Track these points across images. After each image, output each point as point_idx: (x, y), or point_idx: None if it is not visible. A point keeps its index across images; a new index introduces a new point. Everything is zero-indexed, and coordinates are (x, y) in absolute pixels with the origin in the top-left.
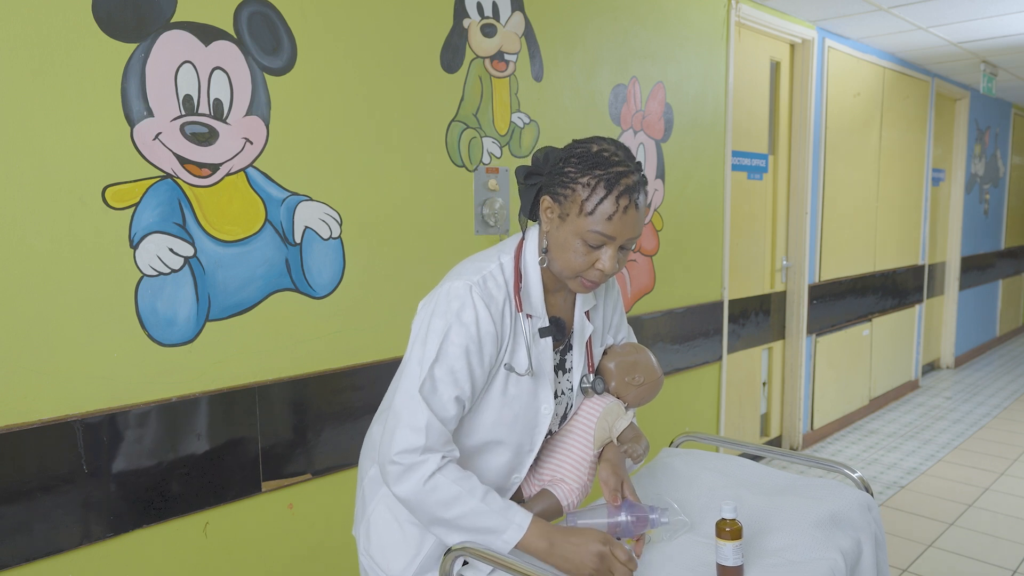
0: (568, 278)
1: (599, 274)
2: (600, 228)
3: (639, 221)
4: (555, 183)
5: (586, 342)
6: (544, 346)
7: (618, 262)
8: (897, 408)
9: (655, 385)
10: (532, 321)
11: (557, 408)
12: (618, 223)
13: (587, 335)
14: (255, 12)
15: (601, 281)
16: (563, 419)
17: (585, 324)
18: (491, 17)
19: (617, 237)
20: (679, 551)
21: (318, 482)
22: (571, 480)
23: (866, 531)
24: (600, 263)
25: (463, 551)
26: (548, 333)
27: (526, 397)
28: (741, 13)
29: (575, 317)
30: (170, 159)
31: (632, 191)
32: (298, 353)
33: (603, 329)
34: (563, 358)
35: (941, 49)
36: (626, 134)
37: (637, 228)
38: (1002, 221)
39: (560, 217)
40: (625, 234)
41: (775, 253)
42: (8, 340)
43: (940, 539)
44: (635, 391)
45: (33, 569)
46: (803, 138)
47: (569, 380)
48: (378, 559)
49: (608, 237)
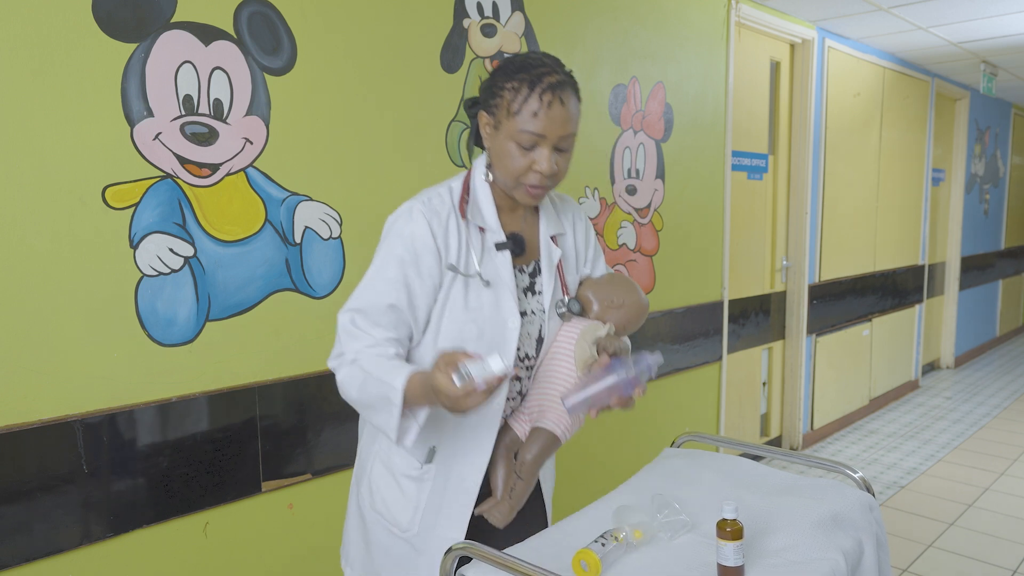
0: (512, 188)
1: (538, 176)
2: (528, 127)
3: (568, 119)
4: (487, 96)
5: (556, 266)
6: (502, 259)
7: (556, 164)
8: (897, 408)
9: (636, 307)
10: (487, 235)
11: (529, 328)
12: (544, 119)
13: (555, 259)
14: (255, 12)
15: (543, 185)
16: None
17: (552, 248)
18: (491, 17)
19: (547, 135)
20: (679, 551)
21: (318, 482)
22: (558, 405)
23: (867, 531)
24: (536, 164)
25: (463, 550)
26: (505, 247)
27: (488, 310)
28: (741, 13)
29: (540, 241)
30: (170, 159)
31: (556, 88)
32: (298, 353)
33: (576, 258)
34: (532, 280)
35: (941, 49)
36: (626, 134)
37: (567, 126)
38: (1002, 221)
39: (495, 127)
40: (554, 131)
41: (775, 253)
42: (8, 340)
43: (940, 539)
44: (616, 313)
45: (33, 569)
46: (803, 138)
47: (540, 302)
48: (385, 513)
49: (538, 135)
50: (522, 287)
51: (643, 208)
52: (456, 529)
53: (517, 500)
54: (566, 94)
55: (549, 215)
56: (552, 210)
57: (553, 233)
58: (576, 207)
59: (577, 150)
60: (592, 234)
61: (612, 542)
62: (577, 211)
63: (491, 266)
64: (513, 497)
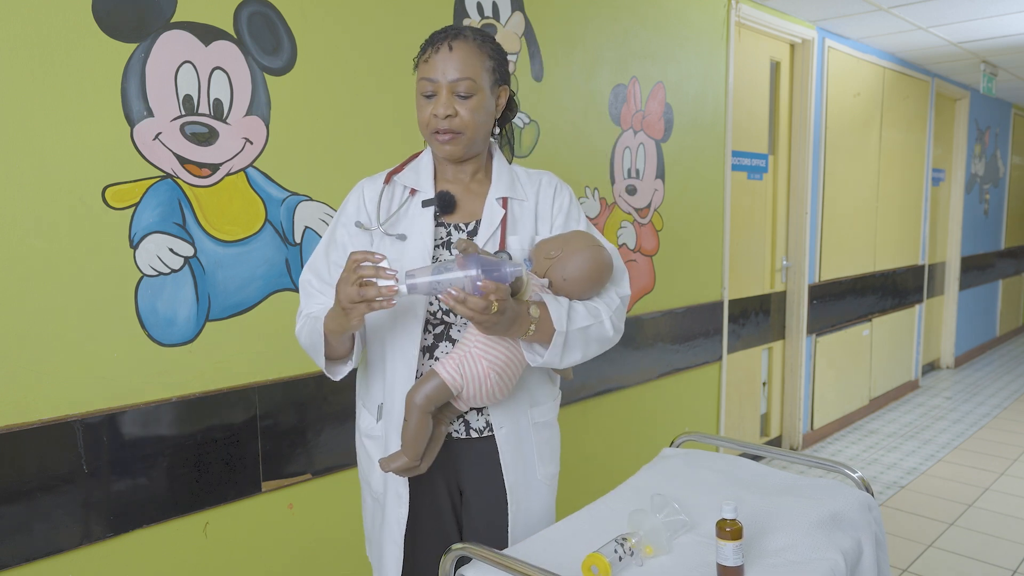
0: (430, 141)
1: (436, 120)
2: (424, 73)
3: (462, 61)
4: None
5: (499, 224)
6: (422, 215)
7: (455, 109)
8: (897, 408)
9: (581, 255)
10: (416, 196)
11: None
12: (435, 63)
13: (497, 219)
14: (255, 12)
15: (449, 130)
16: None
17: (496, 209)
18: (491, 17)
19: (437, 78)
20: (679, 551)
21: (318, 482)
22: (454, 352)
23: (867, 531)
24: (434, 109)
25: (463, 550)
26: (429, 203)
27: (405, 261)
28: (741, 13)
29: (486, 202)
30: (170, 159)
31: (443, 35)
32: (298, 353)
33: (535, 222)
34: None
35: (941, 49)
36: (626, 134)
37: (461, 69)
38: (1002, 221)
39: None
40: (447, 74)
41: (775, 253)
42: (8, 340)
43: (940, 539)
44: (555, 264)
45: (33, 569)
46: (803, 138)
47: None
48: (363, 476)
49: (431, 80)
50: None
51: (643, 208)
52: (402, 485)
53: (408, 444)
54: (457, 41)
55: (502, 180)
56: (507, 177)
57: (503, 195)
58: (551, 180)
59: (577, 150)
60: (566, 201)
61: (627, 556)
62: (548, 179)
63: (412, 222)
64: (404, 439)
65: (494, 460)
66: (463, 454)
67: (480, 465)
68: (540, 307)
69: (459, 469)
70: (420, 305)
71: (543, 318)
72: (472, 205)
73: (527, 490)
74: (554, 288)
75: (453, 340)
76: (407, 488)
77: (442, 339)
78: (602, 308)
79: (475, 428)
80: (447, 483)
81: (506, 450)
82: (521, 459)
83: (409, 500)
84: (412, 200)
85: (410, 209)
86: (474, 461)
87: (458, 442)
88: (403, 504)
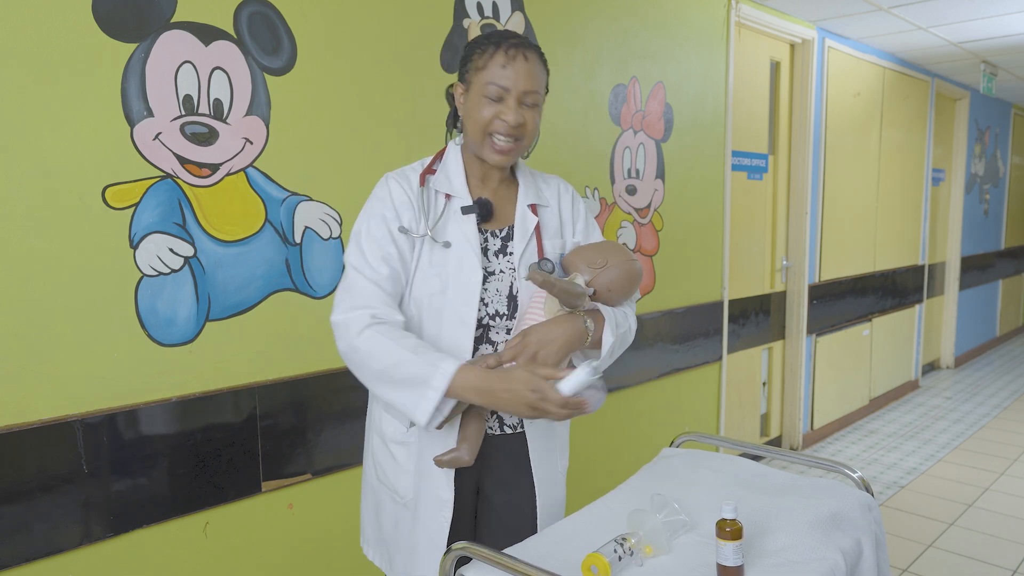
0: (480, 147)
1: (504, 125)
2: (495, 78)
3: (533, 75)
4: (460, 67)
5: (534, 231)
6: (467, 222)
7: (523, 118)
8: (897, 408)
9: (622, 267)
10: (453, 201)
11: (497, 285)
12: (510, 71)
13: (531, 225)
14: (255, 12)
15: (510, 136)
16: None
17: (528, 215)
18: (491, 17)
19: (511, 87)
20: (679, 551)
21: (318, 482)
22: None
23: (866, 531)
24: (502, 114)
25: (463, 550)
26: (470, 210)
27: (451, 267)
28: (741, 13)
29: (517, 208)
30: (170, 159)
31: (520, 46)
32: (298, 353)
33: (561, 228)
34: (505, 244)
35: (941, 49)
36: (626, 134)
37: (531, 82)
38: (1002, 221)
39: (467, 90)
40: (519, 84)
41: (775, 253)
42: (8, 340)
43: (940, 539)
44: (600, 274)
45: (33, 569)
46: (803, 138)
47: (511, 263)
48: (386, 482)
49: (503, 88)
50: (493, 249)
51: (643, 208)
52: (445, 489)
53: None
54: (530, 53)
55: (528, 186)
56: (532, 183)
57: (532, 202)
58: (562, 183)
59: (577, 150)
60: (582, 207)
61: (627, 556)
62: (563, 186)
63: (456, 228)
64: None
65: (521, 455)
66: (492, 451)
67: (509, 461)
68: (592, 318)
69: (484, 465)
70: (471, 313)
71: (596, 328)
72: (502, 210)
73: (551, 484)
74: (597, 296)
75: (494, 343)
76: (451, 491)
77: (482, 341)
78: (629, 312)
79: (509, 424)
80: (473, 480)
81: (535, 446)
82: (547, 453)
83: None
84: (449, 205)
85: (450, 215)
86: (503, 457)
87: (490, 438)
88: (446, 507)
